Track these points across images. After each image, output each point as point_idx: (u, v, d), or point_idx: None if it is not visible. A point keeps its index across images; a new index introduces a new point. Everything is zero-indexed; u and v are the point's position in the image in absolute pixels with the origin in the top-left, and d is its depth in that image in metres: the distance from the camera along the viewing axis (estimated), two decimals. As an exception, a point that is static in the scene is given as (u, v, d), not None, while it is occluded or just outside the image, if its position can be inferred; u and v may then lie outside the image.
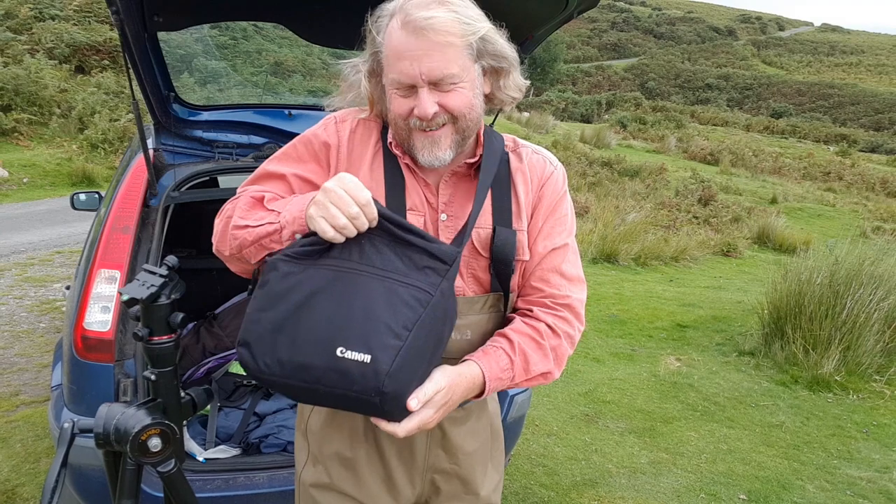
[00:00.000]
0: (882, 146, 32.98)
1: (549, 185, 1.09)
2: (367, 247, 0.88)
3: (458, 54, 0.94)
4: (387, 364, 0.82)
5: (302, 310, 0.86)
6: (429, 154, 0.98)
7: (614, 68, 59.32)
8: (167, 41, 1.85)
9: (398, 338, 0.83)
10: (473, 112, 0.99)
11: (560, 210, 1.09)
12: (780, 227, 9.80)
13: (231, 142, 2.06)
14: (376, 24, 0.98)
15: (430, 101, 0.94)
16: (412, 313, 0.85)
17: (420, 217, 1.03)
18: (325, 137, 1.06)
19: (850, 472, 2.80)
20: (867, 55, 74.72)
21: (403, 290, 0.86)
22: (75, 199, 2.91)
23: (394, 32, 0.94)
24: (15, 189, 8.35)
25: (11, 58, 10.88)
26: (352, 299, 0.85)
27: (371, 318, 0.84)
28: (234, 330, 2.42)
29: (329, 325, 0.84)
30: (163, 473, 1.06)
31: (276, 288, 0.88)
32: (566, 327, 1.05)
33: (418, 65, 0.92)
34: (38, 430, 2.61)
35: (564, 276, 1.06)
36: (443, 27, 0.91)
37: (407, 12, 0.92)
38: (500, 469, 1.22)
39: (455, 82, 0.94)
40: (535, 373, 1.02)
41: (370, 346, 0.83)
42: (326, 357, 0.84)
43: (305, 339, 0.85)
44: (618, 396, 3.47)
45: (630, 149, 18.31)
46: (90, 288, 1.64)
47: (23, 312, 4.06)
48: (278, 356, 0.86)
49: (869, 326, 3.74)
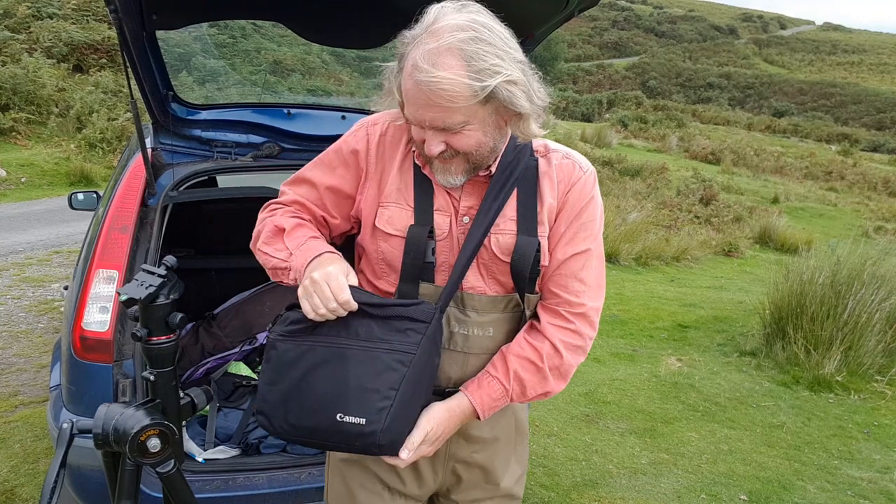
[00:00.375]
0: (884, 145, 32.95)
1: (576, 189, 1.09)
2: (352, 322, 1.00)
3: (463, 107, 0.93)
4: (379, 424, 0.97)
5: (303, 383, 1.00)
6: (442, 178, 1.04)
7: (615, 67, 59.29)
8: (166, 40, 1.84)
9: (387, 398, 0.97)
10: (483, 149, 1.00)
11: (585, 215, 1.08)
12: (782, 227, 9.79)
13: (230, 141, 2.05)
14: (403, 45, 0.98)
15: (436, 142, 0.97)
16: (397, 374, 0.98)
17: (447, 217, 1.07)
18: (353, 144, 1.12)
19: (851, 473, 2.79)
20: (869, 54, 74.67)
21: (387, 356, 0.99)
22: (73, 198, 2.91)
23: (406, 70, 0.94)
24: (13, 189, 8.35)
25: (9, 57, 10.87)
26: (344, 371, 0.98)
27: (361, 386, 0.98)
28: (233, 330, 2.41)
29: (327, 395, 0.99)
30: (162, 474, 1.06)
31: (278, 365, 1.03)
32: (574, 340, 1.08)
33: (422, 112, 0.94)
34: (37, 431, 2.61)
35: (583, 282, 1.07)
36: (444, 92, 0.90)
37: (415, 62, 0.91)
38: (523, 463, 1.26)
39: (459, 129, 0.96)
40: (531, 396, 1.08)
41: (363, 411, 0.97)
42: (329, 422, 0.98)
43: (310, 407, 0.99)
44: (618, 397, 3.47)
45: (631, 148, 18.30)
46: (88, 288, 1.63)
47: (21, 313, 4.06)
48: (290, 422, 1.01)
49: (871, 327, 3.73)
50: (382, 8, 1.70)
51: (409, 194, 1.08)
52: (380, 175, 1.10)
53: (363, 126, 1.13)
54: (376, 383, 0.98)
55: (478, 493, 1.19)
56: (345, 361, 0.99)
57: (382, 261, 1.10)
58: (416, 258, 1.06)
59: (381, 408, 0.97)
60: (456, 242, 1.07)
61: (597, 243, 1.10)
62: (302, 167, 1.18)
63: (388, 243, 1.08)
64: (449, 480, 1.18)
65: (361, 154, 1.11)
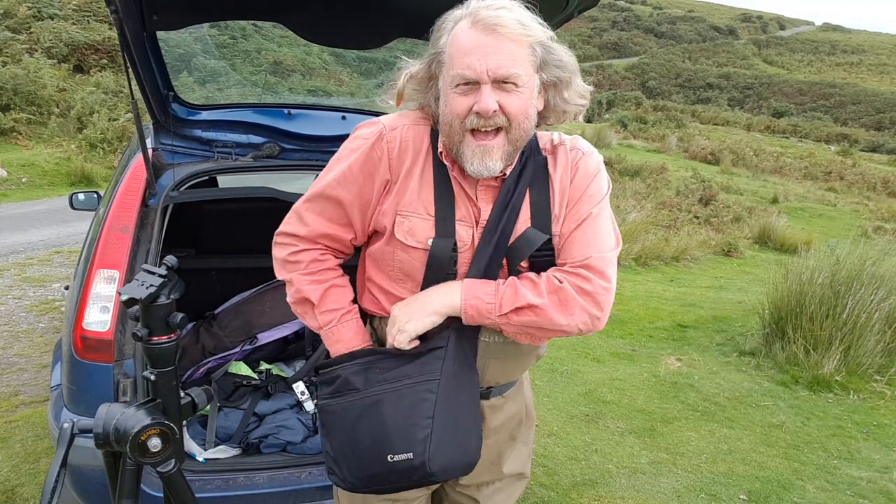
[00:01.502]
0: (883, 146, 32.93)
1: (579, 173, 1.10)
2: (383, 371, 1.07)
3: (525, 57, 0.98)
4: (425, 453, 1.02)
5: (350, 438, 1.07)
6: (479, 163, 1.01)
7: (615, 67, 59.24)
8: (166, 40, 1.84)
9: (425, 428, 1.03)
10: (527, 121, 1.01)
11: (590, 190, 1.09)
12: (781, 227, 9.79)
13: (230, 141, 2.05)
14: (440, 29, 1.03)
15: (492, 98, 0.97)
16: (428, 403, 1.03)
17: (469, 228, 1.07)
18: (375, 154, 1.09)
19: (850, 473, 2.79)
20: (868, 55, 74.67)
21: (413, 389, 1.04)
22: (74, 198, 2.91)
23: (461, 32, 0.98)
24: (14, 189, 8.35)
25: (10, 57, 10.88)
26: (382, 416, 1.05)
27: (399, 424, 1.04)
28: (234, 330, 2.41)
29: (374, 441, 1.05)
30: (162, 473, 1.06)
31: (328, 428, 1.11)
32: (578, 281, 1.03)
33: (486, 60, 0.95)
34: (38, 431, 2.61)
35: (587, 242, 1.06)
36: (512, 27, 0.96)
37: (476, 14, 0.98)
38: (529, 444, 1.29)
39: (517, 84, 0.97)
40: (522, 302, 1.02)
41: (408, 445, 1.03)
42: (382, 465, 1.04)
43: (364, 455, 1.06)
44: (618, 396, 3.47)
45: (631, 148, 18.29)
46: (89, 288, 1.63)
47: (22, 312, 4.06)
48: (355, 474, 1.08)
49: (870, 327, 3.73)
50: (382, 8, 1.71)
51: (430, 203, 1.06)
52: (400, 182, 1.08)
53: (381, 131, 1.09)
54: (413, 417, 1.03)
55: (486, 477, 1.20)
56: (380, 407, 1.04)
57: (399, 270, 1.10)
58: (437, 272, 1.06)
59: (422, 438, 1.02)
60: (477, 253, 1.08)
61: (599, 207, 1.08)
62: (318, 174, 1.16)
63: (407, 254, 1.07)
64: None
65: (384, 161, 1.08)
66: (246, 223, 2.86)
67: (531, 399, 1.29)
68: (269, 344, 2.36)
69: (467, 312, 1.03)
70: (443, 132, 1.04)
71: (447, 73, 1.00)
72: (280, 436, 1.97)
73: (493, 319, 1.03)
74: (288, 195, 2.07)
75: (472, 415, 1.09)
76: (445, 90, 1.01)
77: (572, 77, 1.04)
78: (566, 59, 1.02)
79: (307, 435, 1.99)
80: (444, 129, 1.04)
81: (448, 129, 1.02)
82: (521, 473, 1.26)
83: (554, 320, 1.02)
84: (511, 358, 1.15)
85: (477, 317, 1.04)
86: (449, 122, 1.01)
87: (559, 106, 1.06)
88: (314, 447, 1.94)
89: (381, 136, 1.09)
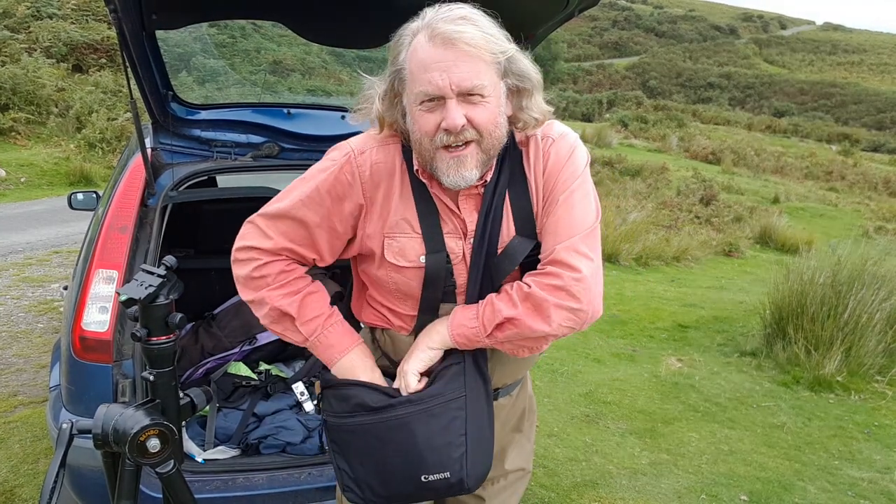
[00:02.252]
0: (884, 145, 32.92)
1: (551, 160, 1.06)
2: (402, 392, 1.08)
3: (487, 67, 0.95)
4: (462, 471, 1.03)
5: (380, 457, 1.05)
6: (455, 174, 0.98)
7: (615, 67, 59.23)
8: (165, 40, 1.84)
9: (460, 446, 1.03)
10: (498, 130, 0.99)
11: (562, 175, 1.05)
12: (782, 227, 9.79)
13: (229, 141, 2.05)
14: (398, 44, 0.99)
15: (459, 113, 0.94)
16: (459, 421, 1.04)
17: (458, 240, 1.06)
18: (344, 177, 1.05)
19: (851, 473, 2.79)
20: (869, 54, 74.63)
21: (442, 409, 1.04)
22: (73, 198, 2.90)
23: (420, 47, 0.95)
24: (12, 189, 8.35)
25: (9, 57, 10.87)
26: (414, 437, 1.03)
27: (434, 444, 1.03)
28: (233, 331, 2.41)
29: (407, 462, 1.04)
30: (161, 474, 1.06)
31: (348, 446, 1.08)
32: (546, 279, 1.00)
33: (448, 75, 0.93)
34: (37, 431, 2.61)
35: (556, 232, 1.03)
36: (472, 41, 0.93)
37: (434, 27, 0.94)
38: (531, 438, 1.29)
39: (483, 95, 0.95)
40: (500, 318, 1.01)
41: (444, 465, 1.03)
42: (415, 485, 1.04)
43: (394, 476, 1.05)
44: (618, 397, 3.46)
45: (631, 148, 18.28)
46: (88, 288, 1.63)
47: (20, 313, 4.06)
48: (380, 493, 1.07)
49: (871, 327, 3.73)
50: (382, 8, 1.70)
51: (415, 221, 1.05)
52: (379, 205, 1.05)
53: (349, 155, 1.05)
54: (446, 437, 1.03)
55: (490, 473, 1.19)
56: (409, 428, 1.03)
57: (396, 290, 1.09)
58: (435, 289, 1.05)
59: (458, 456, 1.03)
60: (469, 263, 1.07)
61: (569, 191, 1.04)
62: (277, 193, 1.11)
63: (400, 274, 1.07)
64: None
65: (356, 185, 1.04)
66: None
67: (532, 392, 1.31)
68: (268, 344, 2.36)
69: (457, 341, 1.05)
70: (414, 150, 1.02)
71: (410, 90, 0.97)
72: (279, 436, 1.97)
73: (483, 341, 1.04)
74: (287, 195, 2.06)
75: (491, 422, 1.11)
76: (411, 107, 0.98)
77: (534, 90, 1.02)
78: (529, 71, 1.00)
79: (306, 436, 1.98)
80: (415, 147, 1.01)
81: (419, 147, 1.00)
82: (523, 469, 1.26)
83: (533, 328, 0.99)
84: (516, 359, 1.15)
85: (468, 343, 1.05)
86: (418, 139, 0.99)
87: (517, 115, 1.04)
88: (313, 448, 1.94)
89: (350, 160, 1.05)
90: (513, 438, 1.23)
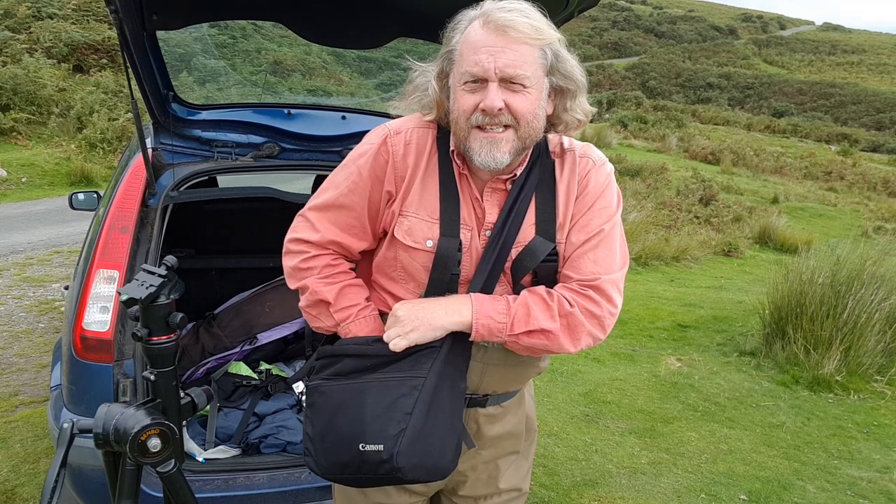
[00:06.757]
0: (883, 146, 32.90)
1: (590, 183, 1.09)
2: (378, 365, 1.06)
3: (534, 59, 0.99)
4: (394, 448, 1.01)
5: (334, 420, 1.06)
6: (486, 154, 1.00)
7: (615, 67, 59.22)
8: (166, 40, 1.84)
9: (401, 422, 1.02)
10: (536, 121, 1.02)
11: (599, 203, 1.09)
12: (782, 227, 9.78)
13: (230, 141, 2.05)
14: (454, 27, 1.04)
15: (498, 96, 0.98)
16: (409, 399, 1.03)
17: (469, 231, 1.07)
18: (382, 157, 1.10)
19: (850, 473, 2.79)
20: (869, 54, 74.64)
21: (398, 384, 1.04)
22: (74, 198, 2.91)
23: (473, 31, 1.00)
24: (13, 189, 8.35)
25: (10, 57, 10.88)
26: (363, 405, 1.04)
27: (378, 415, 1.03)
28: (233, 330, 2.41)
29: (351, 428, 1.04)
30: (162, 474, 1.06)
31: (315, 409, 1.09)
32: (587, 304, 1.04)
33: (494, 59, 0.96)
34: (38, 431, 2.61)
35: (595, 261, 1.06)
36: (523, 28, 0.97)
37: (489, 14, 0.99)
38: (529, 457, 1.27)
39: (525, 84, 0.98)
40: (535, 326, 1.02)
41: (380, 437, 1.02)
42: (354, 453, 1.03)
43: (339, 441, 1.05)
44: (618, 397, 3.47)
45: (631, 148, 18.28)
46: (89, 288, 1.63)
47: (21, 312, 4.06)
48: (328, 458, 1.07)
49: (870, 327, 3.73)
50: (383, 8, 1.71)
51: (433, 204, 1.06)
52: (406, 183, 1.08)
53: (386, 135, 1.10)
54: (391, 411, 1.02)
55: (482, 490, 1.20)
56: (363, 395, 1.04)
57: (402, 268, 1.10)
58: (443, 273, 1.06)
59: (395, 433, 1.01)
60: (475, 256, 1.07)
61: (611, 223, 1.09)
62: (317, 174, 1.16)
63: (407, 254, 1.08)
64: (456, 479, 1.18)
65: (390, 165, 1.08)
66: (246, 223, 2.86)
67: (533, 413, 1.27)
68: (268, 344, 2.36)
69: (478, 331, 1.03)
70: (452, 130, 1.05)
71: (457, 70, 1.01)
72: (280, 436, 1.97)
73: (502, 338, 1.03)
74: (288, 195, 2.07)
75: (450, 419, 1.06)
76: (455, 87, 1.03)
77: (578, 92, 1.05)
78: (575, 73, 1.03)
79: (307, 435, 1.99)
80: (453, 127, 1.05)
81: (455, 127, 1.03)
82: (519, 489, 1.23)
83: (563, 346, 1.04)
84: (510, 367, 1.14)
85: (487, 335, 1.04)
86: (456, 118, 1.02)
87: (560, 115, 1.07)
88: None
89: (386, 140, 1.10)
90: (509, 457, 1.21)
